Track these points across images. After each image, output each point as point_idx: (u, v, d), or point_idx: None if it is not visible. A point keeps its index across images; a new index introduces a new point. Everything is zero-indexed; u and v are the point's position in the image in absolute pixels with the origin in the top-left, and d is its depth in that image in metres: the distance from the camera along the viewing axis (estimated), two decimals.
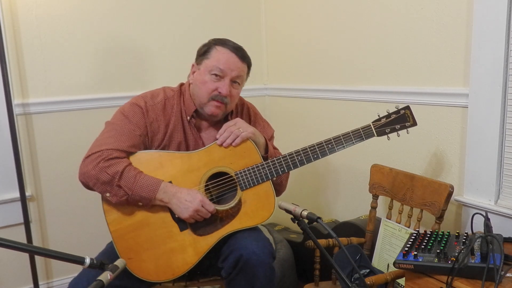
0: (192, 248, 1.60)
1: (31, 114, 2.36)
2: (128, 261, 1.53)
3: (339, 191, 2.58)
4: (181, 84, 1.78)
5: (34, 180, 2.41)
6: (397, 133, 1.69)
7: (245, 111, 1.85)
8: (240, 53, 1.67)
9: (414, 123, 1.69)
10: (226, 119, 1.76)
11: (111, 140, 1.59)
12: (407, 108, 1.69)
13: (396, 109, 1.69)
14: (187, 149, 1.71)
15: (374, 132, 1.67)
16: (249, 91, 2.96)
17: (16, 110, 2.28)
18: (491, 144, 1.74)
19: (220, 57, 1.65)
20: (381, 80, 2.21)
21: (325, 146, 1.66)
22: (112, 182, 1.53)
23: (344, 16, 2.38)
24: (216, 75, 1.64)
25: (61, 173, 2.45)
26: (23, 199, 2.32)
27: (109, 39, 2.50)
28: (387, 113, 1.69)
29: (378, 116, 1.69)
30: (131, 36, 2.55)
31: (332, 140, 1.67)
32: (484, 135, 1.75)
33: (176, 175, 1.61)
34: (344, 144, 1.67)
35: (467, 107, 1.81)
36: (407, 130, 1.69)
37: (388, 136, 1.69)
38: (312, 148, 1.66)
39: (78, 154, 2.38)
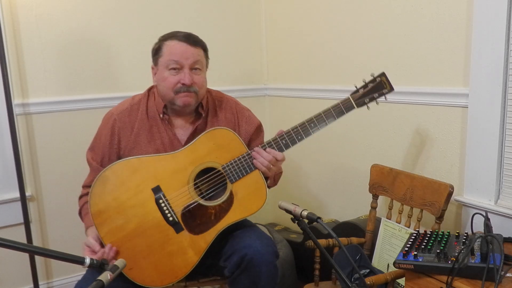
0: (191, 249, 1.59)
1: (31, 114, 2.36)
2: (128, 272, 1.53)
3: (339, 191, 2.58)
4: (151, 87, 1.78)
5: (34, 180, 2.41)
6: (376, 101, 1.71)
7: (225, 105, 1.82)
8: (190, 39, 1.65)
9: (391, 89, 1.71)
10: (197, 112, 1.74)
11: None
12: (383, 74, 1.70)
13: (372, 77, 1.70)
14: (163, 147, 1.70)
15: (354, 103, 1.68)
16: (249, 91, 2.97)
17: (16, 110, 2.27)
18: (491, 144, 1.74)
19: (172, 50, 1.64)
20: None
21: (307, 125, 1.66)
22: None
23: (344, 16, 2.38)
24: (174, 68, 1.63)
25: (61, 173, 2.45)
26: (23, 199, 2.31)
27: (110, 39, 2.50)
28: (363, 83, 1.70)
29: (356, 87, 1.71)
30: (132, 36, 2.55)
31: (314, 118, 1.67)
32: (484, 135, 1.75)
33: (163, 178, 1.60)
34: (326, 121, 1.67)
35: (467, 107, 1.81)
36: (385, 97, 1.71)
37: (367, 106, 1.70)
38: (295, 130, 1.66)
39: (78, 154, 2.41)
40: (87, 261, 1.16)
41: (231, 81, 2.89)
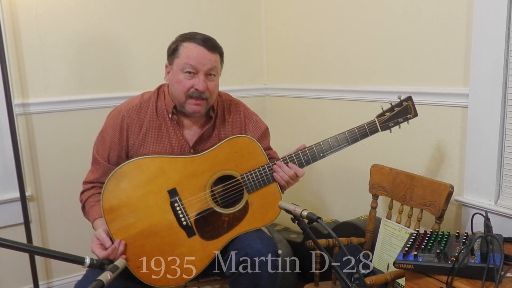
0: (201, 253, 1.59)
1: (31, 114, 2.36)
2: (136, 270, 1.53)
3: (339, 191, 2.58)
4: (160, 86, 1.78)
5: (34, 180, 2.41)
6: (399, 126, 1.71)
7: (233, 109, 1.82)
8: (208, 44, 1.63)
9: (416, 114, 1.71)
10: (208, 115, 1.74)
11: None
12: (409, 99, 1.70)
13: (398, 101, 1.69)
14: (171, 147, 1.70)
15: (379, 127, 1.68)
16: (249, 91, 2.97)
17: (16, 110, 2.28)
18: (491, 144, 1.73)
19: (189, 53, 1.61)
20: (381, 80, 2.21)
21: (330, 144, 1.66)
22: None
23: (344, 16, 2.38)
24: (189, 72, 1.61)
25: (61, 173, 2.45)
26: (23, 199, 2.32)
27: (110, 39, 2.50)
28: (390, 106, 1.69)
29: (382, 109, 1.70)
30: (132, 36, 2.55)
31: (338, 137, 1.67)
32: (484, 135, 1.75)
33: (180, 181, 1.59)
34: (349, 141, 1.67)
35: (467, 107, 1.81)
36: (408, 121, 1.71)
37: (390, 130, 1.70)
38: (317, 147, 1.66)
39: (78, 154, 2.42)
40: (87, 261, 1.16)
41: (231, 81, 2.88)
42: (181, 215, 1.58)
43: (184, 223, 1.58)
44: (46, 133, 2.40)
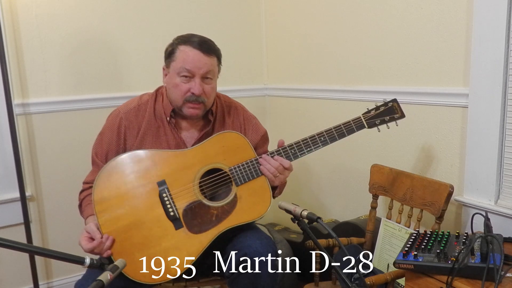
0: (188, 247, 1.58)
1: (31, 114, 2.36)
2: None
3: (339, 191, 2.58)
4: (159, 88, 1.78)
5: (34, 180, 2.41)
6: (387, 125, 1.72)
7: (233, 112, 1.83)
8: (204, 47, 1.63)
9: (402, 115, 1.73)
10: (207, 119, 1.75)
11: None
12: (394, 101, 1.73)
13: (383, 102, 1.73)
14: (169, 149, 1.71)
15: (365, 123, 1.70)
16: (249, 91, 2.97)
17: (16, 110, 2.28)
18: (491, 144, 1.74)
19: (185, 57, 1.62)
20: (381, 80, 2.21)
21: (317, 138, 1.68)
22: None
23: (344, 16, 2.38)
24: (185, 76, 1.62)
25: (61, 173, 2.45)
26: (23, 199, 2.32)
27: (109, 39, 2.50)
28: (375, 106, 1.73)
29: (367, 109, 1.73)
30: (132, 36, 2.55)
31: (325, 133, 1.69)
32: (484, 135, 1.75)
33: (169, 173, 1.61)
34: (337, 137, 1.69)
35: (467, 107, 1.81)
36: (396, 122, 1.73)
37: (378, 128, 1.72)
38: (305, 141, 1.68)
39: (78, 154, 2.42)
40: (87, 261, 1.16)
41: (231, 81, 2.89)
42: (169, 206, 1.58)
43: (172, 213, 1.58)
44: (46, 133, 2.40)
